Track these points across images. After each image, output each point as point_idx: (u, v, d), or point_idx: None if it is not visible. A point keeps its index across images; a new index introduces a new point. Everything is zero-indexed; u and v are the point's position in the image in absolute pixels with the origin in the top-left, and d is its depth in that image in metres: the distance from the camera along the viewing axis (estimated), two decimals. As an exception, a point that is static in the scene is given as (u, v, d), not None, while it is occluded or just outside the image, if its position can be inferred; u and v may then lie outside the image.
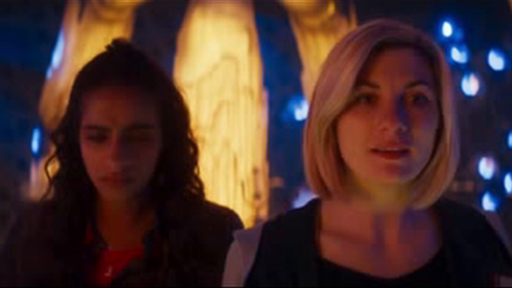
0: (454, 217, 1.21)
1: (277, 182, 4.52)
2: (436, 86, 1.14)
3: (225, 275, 1.23)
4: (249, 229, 1.28)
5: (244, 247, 1.20)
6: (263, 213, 4.20)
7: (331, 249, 1.17)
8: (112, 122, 1.37)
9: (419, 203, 1.17)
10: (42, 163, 4.23)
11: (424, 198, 1.16)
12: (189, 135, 1.51)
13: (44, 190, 1.51)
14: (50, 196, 1.50)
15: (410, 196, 1.16)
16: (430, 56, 1.15)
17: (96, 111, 1.39)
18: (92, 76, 1.42)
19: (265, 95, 4.38)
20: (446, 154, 1.15)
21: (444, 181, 1.16)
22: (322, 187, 1.18)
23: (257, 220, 4.12)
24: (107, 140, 1.38)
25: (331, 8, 4.48)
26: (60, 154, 1.48)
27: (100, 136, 1.38)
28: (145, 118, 1.40)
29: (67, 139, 1.46)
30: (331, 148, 1.16)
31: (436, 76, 1.15)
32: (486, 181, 4.94)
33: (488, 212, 1.26)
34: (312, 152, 1.18)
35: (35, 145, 4.35)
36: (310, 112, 1.18)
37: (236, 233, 1.25)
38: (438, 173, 1.15)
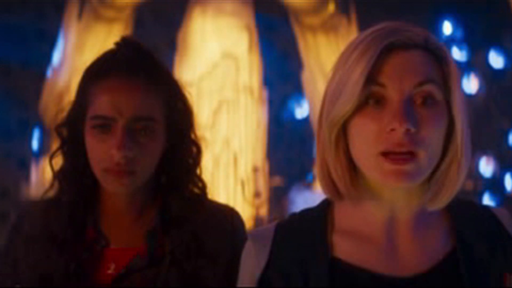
0: (466, 216, 1.21)
1: (277, 181, 4.53)
2: (445, 86, 1.14)
3: (240, 274, 1.25)
4: (262, 229, 1.29)
5: (257, 247, 1.22)
6: (263, 212, 4.20)
7: (343, 248, 1.18)
8: (117, 113, 1.39)
9: (433, 205, 1.17)
10: (42, 162, 4.22)
11: (438, 200, 1.17)
12: (192, 135, 1.52)
13: (44, 189, 1.52)
14: (52, 192, 1.51)
15: (424, 198, 1.17)
16: (438, 57, 1.15)
17: (102, 102, 1.40)
18: (99, 69, 1.45)
19: (265, 94, 4.38)
20: (458, 154, 1.15)
21: (456, 182, 1.16)
22: (333, 189, 1.18)
23: (257, 219, 4.13)
24: (112, 131, 1.40)
25: (331, 7, 4.48)
26: (65, 148, 1.50)
27: (105, 126, 1.40)
28: (150, 111, 1.42)
29: (72, 132, 1.48)
30: (342, 150, 1.16)
31: (444, 77, 1.15)
32: (486, 179, 4.95)
33: (499, 209, 1.25)
34: (323, 154, 1.18)
35: (35, 144, 4.35)
36: (320, 115, 1.18)
37: (249, 233, 1.26)
38: (451, 174, 1.16)
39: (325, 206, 1.23)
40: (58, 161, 1.51)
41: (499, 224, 1.21)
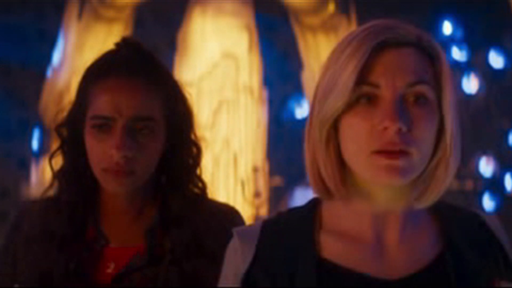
0: (455, 220, 1.21)
1: (277, 181, 4.53)
2: (437, 85, 1.14)
3: (223, 271, 1.23)
4: (249, 227, 1.28)
5: (242, 245, 1.20)
6: (263, 211, 4.20)
7: (331, 248, 1.17)
8: (117, 113, 1.39)
9: (420, 203, 1.17)
10: (42, 162, 4.21)
11: (425, 198, 1.16)
12: (192, 136, 1.52)
13: (44, 188, 1.52)
14: (51, 192, 1.51)
15: (411, 196, 1.16)
16: (431, 55, 1.15)
17: (102, 102, 1.40)
18: (99, 69, 1.45)
19: (265, 94, 4.38)
20: (447, 154, 1.14)
21: (444, 181, 1.16)
22: (323, 187, 1.17)
23: (257, 219, 4.13)
24: (112, 131, 1.40)
25: (331, 7, 4.48)
26: (64, 148, 1.50)
27: (105, 126, 1.40)
28: (150, 111, 1.42)
29: (71, 132, 1.48)
30: (333, 148, 1.15)
31: (437, 76, 1.14)
32: (486, 179, 4.95)
33: (489, 215, 1.25)
34: (313, 152, 1.17)
35: (35, 144, 4.35)
36: (311, 112, 1.18)
37: (235, 230, 1.24)
38: (438, 173, 1.15)
39: (313, 205, 1.22)
40: (58, 161, 1.51)
41: (488, 230, 1.21)
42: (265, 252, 1.19)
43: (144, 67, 1.44)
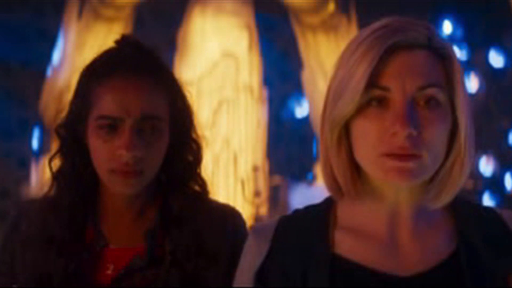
0: (471, 217, 1.21)
1: (277, 180, 4.52)
2: (449, 85, 1.14)
3: (239, 268, 1.25)
4: (264, 223, 1.29)
5: (258, 240, 1.22)
6: (263, 211, 4.20)
7: (345, 245, 1.19)
8: (125, 113, 1.37)
9: (435, 203, 1.17)
10: (42, 162, 4.21)
11: (440, 198, 1.17)
12: (193, 134, 1.51)
13: (44, 188, 1.51)
14: (51, 192, 1.50)
15: (426, 197, 1.17)
16: (442, 56, 1.15)
17: (109, 102, 1.38)
18: (103, 68, 1.43)
19: (265, 93, 4.38)
20: (461, 154, 1.15)
21: (459, 181, 1.16)
22: (336, 187, 1.19)
23: (257, 218, 4.13)
24: (119, 131, 1.38)
25: (331, 7, 4.48)
26: (64, 149, 1.48)
27: (111, 126, 1.38)
28: (156, 109, 1.41)
29: (72, 133, 1.46)
30: (344, 149, 1.17)
31: (448, 76, 1.14)
32: (486, 179, 4.95)
33: (506, 211, 1.25)
34: (326, 153, 1.18)
35: (35, 144, 4.35)
36: (323, 113, 1.19)
37: (252, 227, 1.27)
38: (454, 174, 1.16)
39: (329, 203, 1.24)
40: (58, 162, 1.50)
41: (505, 226, 1.21)
42: (280, 248, 1.20)
43: (148, 65, 1.43)
